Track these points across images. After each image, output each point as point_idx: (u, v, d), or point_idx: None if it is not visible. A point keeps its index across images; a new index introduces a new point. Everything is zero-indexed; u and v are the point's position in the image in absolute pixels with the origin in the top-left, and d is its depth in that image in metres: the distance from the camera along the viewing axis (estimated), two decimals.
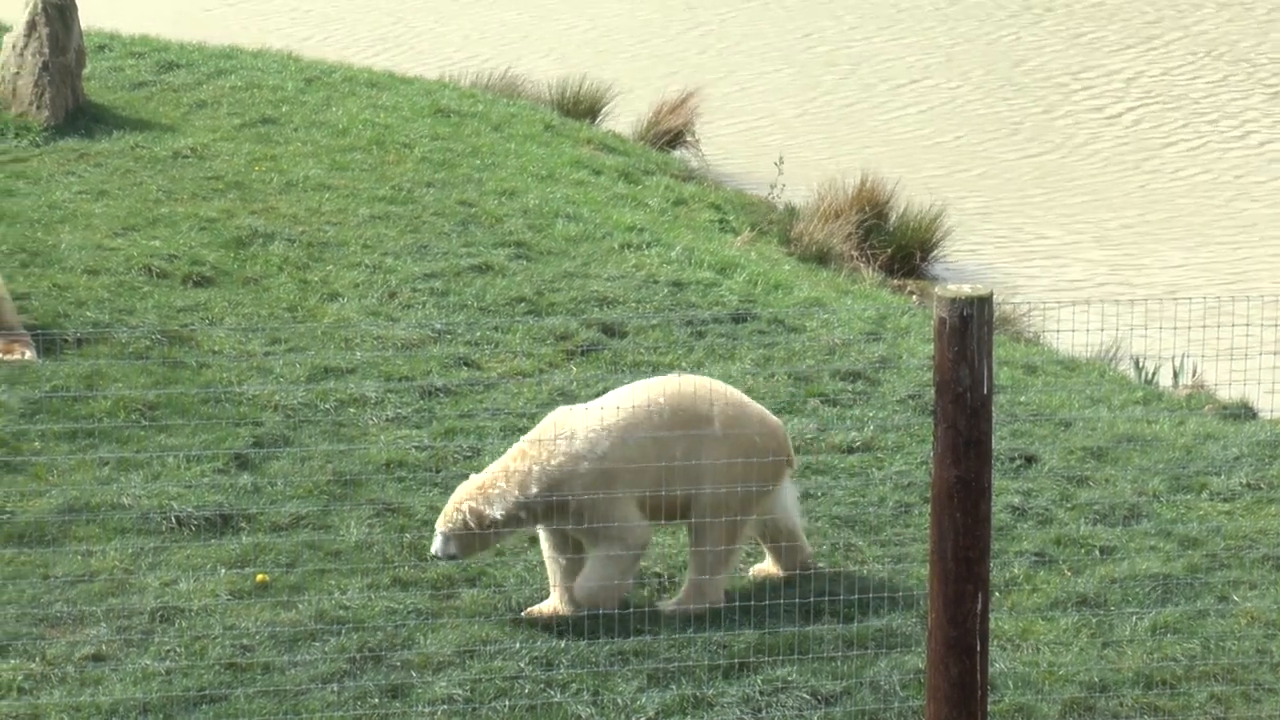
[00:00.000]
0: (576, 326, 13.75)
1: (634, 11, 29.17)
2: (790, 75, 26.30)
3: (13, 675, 9.30)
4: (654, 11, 29.28)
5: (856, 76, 26.57)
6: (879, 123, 24.67)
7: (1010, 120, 25.17)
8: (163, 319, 13.44)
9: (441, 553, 9.96)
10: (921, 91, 26.17)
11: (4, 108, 17.24)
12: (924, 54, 27.98)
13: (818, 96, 25.52)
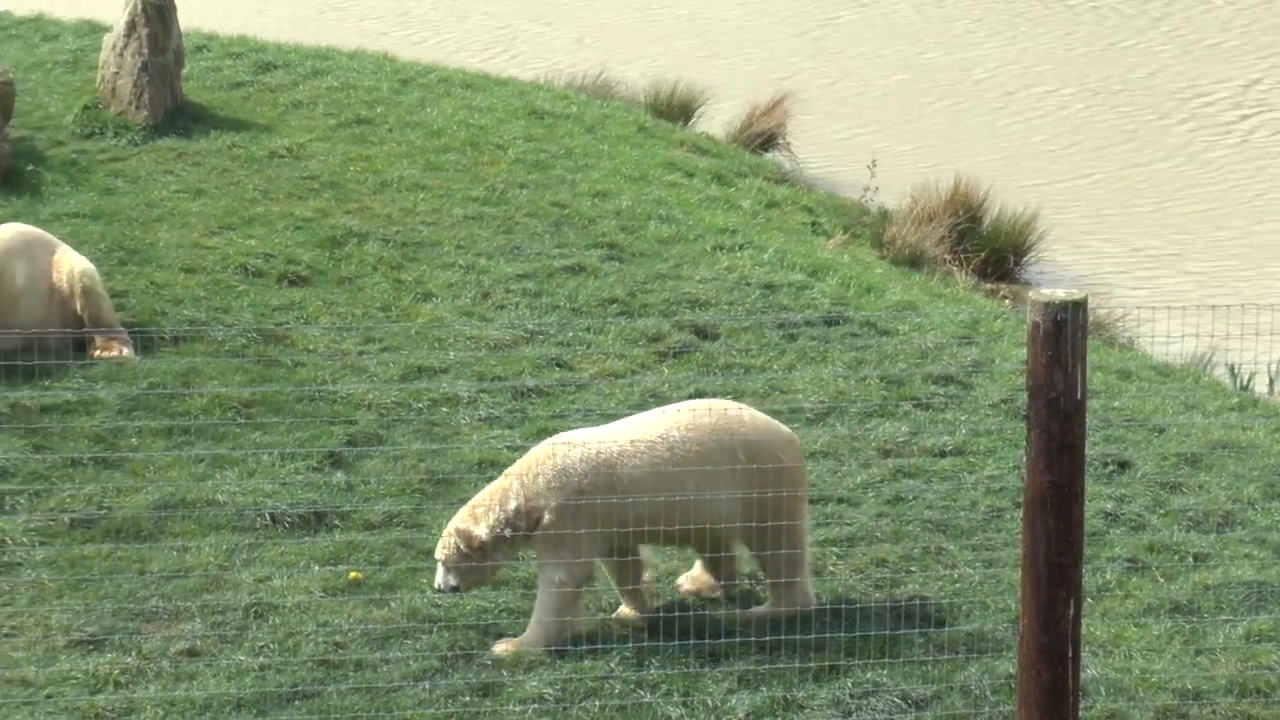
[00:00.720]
0: (668, 328, 13.75)
1: (730, 14, 29.15)
2: (891, 80, 26.22)
3: (109, 669, 9.38)
4: (751, 14, 29.27)
5: (966, 82, 26.40)
6: (984, 128, 24.52)
7: (1123, 128, 24.83)
8: (258, 318, 13.53)
9: (443, 584, 9.84)
10: (1032, 98, 25.90)
11: (104, 107, 17.38)
12: (1037, 61, 27.71)
13: (917, 101, 25.42)
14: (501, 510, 9.72)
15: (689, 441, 9.77)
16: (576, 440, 9.81)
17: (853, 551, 10.70)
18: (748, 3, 30.01)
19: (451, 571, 9.79)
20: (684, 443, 9.77)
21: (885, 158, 21.08)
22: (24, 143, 16.59)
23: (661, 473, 9.69)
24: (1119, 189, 22.35)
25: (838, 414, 12.58)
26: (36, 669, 9.38)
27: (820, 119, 23.46)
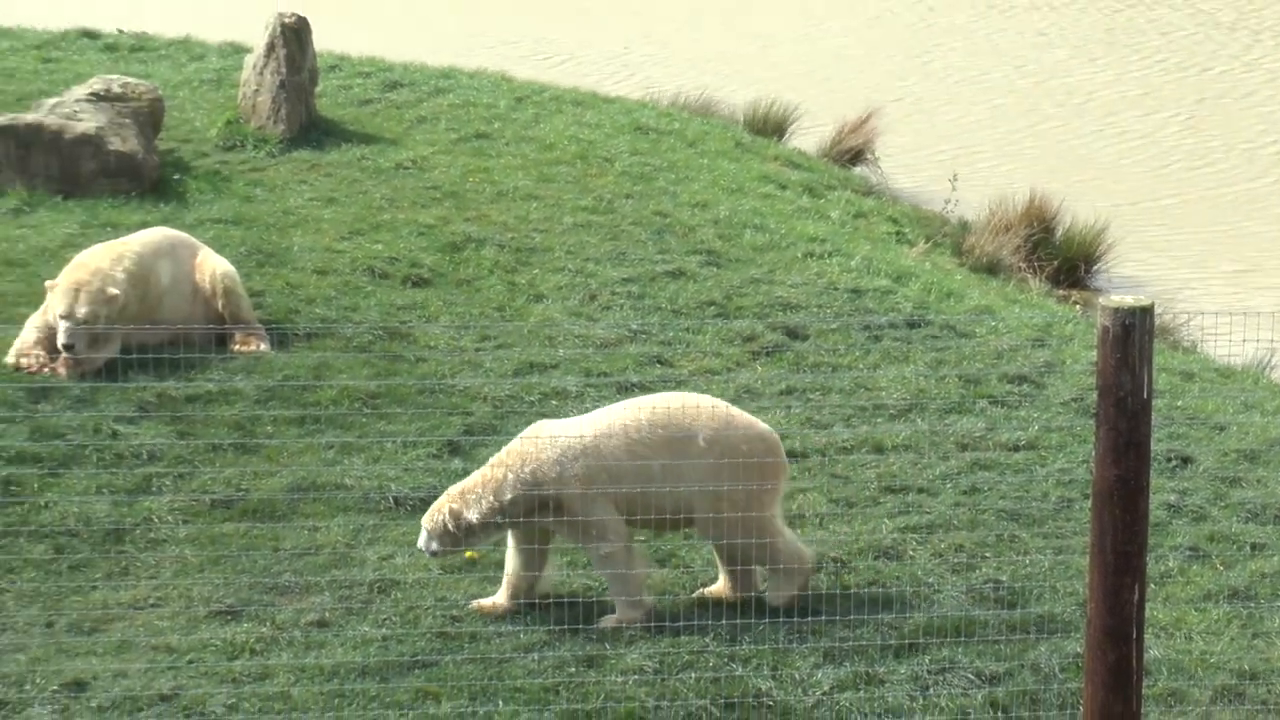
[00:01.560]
0: (762, 329, 13.74)
1: (825, 38, 29.07)
2: (978, 100, 26.03)
3: (246, 638, 9.46)
4: (844, 38, 29.18)
5: (1066, 105, 26.12)
6: (1070, 148, 24.24)
7: (1209, 150, 24.42)
8: (384, 316, 13.60)
9: (425, 548, 9.83)
10: (1127, 121, 25.49)
11: (244, 121, 17.51)
12: (1133, 86, 27.35)
13: (1003, 120, 25.22)
14: (496, 500, 9.66)
15: (655, 429, 9.66)
16: (559, 430, 9.73)
17: (931, 538, 10.67)
18: (842, 28, 29.93)
19: (435, 539, 9.79)
20: (650, 430, 9.65)
21: (966, 173, 20.97)
22: (172, 154, 16.74)
23: (636, 460, 9.62)
24: (1198, 207, 22.02)
25: (919, 410, 12.53)
26: (180, 637, 9.47)
27: (906, 136, 23.36)
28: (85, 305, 12.22)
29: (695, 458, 9.65)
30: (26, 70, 19.15)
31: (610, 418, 9.77)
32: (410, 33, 28.02)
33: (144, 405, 11.88)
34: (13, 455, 11.16)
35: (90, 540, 10.50)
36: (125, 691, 8.97)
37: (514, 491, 9.64)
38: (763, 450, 9.79)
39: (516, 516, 9.67)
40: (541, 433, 9.77)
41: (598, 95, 20.75)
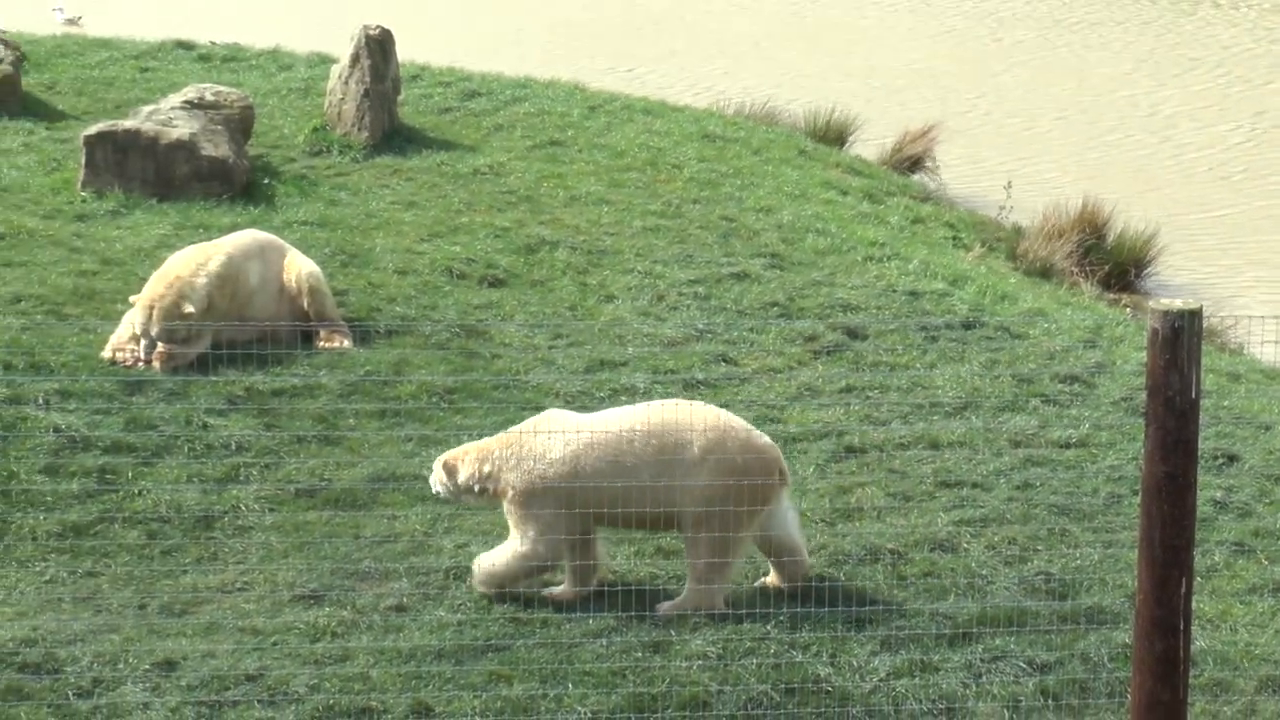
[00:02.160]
0: (823, 329, 13.69)
1: (886, 48, 28.95)
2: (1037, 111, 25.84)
3: (327, 621, 9.48)
4: (905, 49, 29.05)
5: (1120, 114, 25.86)
6: (1126, 157, 23.98)
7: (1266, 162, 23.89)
8: (461, 315, 13.61)
9: (434, 486, 9.96)
10: (1187, 132, 25.23)
11: (330, 129, 17.56)
12: (1194, 99, 27.03)
13: (1062, 130, 25.02)
14: (479, 469, 9.74)
15: (649, 438, 9.54)
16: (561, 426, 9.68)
17: (985, 531, 10.61)
18: (906, 41, 29.79)
19: (438, 483, 9.92)
20: (644, 439, 9.55)
21: (1021, 181, 20.84)
22: (261, 159, 16.80)
23: (619, 464, 9.54)
24: (1250, 217, 21.73)
25: (973, 408, 12.46)
26: (265, 619, 9.49)
27: (964, 145, 23.23)
28: (158, 324, 12.29)
29: (688, 470, 9.53)
30: (125, 79, 19.26)
31: (609, 425, 9.63)
32: (489, 44, 28.06)
33: (233, 399, 11.93)
34: (109, 445, 11.22)
35: (181, 527, 10.55)
36: (213, 671, 9.00)
37: (492, 467, 9.69)
38: (759, 468, 9.60)
39: (487, 489, 9.73)
40: (550, 424, 9.70)
41: (667, 104, 20.72)
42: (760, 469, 9.57)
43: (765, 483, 9.55)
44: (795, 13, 31.12)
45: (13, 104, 17.74)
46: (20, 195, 15.48)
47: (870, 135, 21.98)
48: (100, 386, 11.88)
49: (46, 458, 11.02)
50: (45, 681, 8.90)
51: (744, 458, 9.55)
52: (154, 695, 8.81)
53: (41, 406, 11.51)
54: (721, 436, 9.58)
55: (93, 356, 12.34)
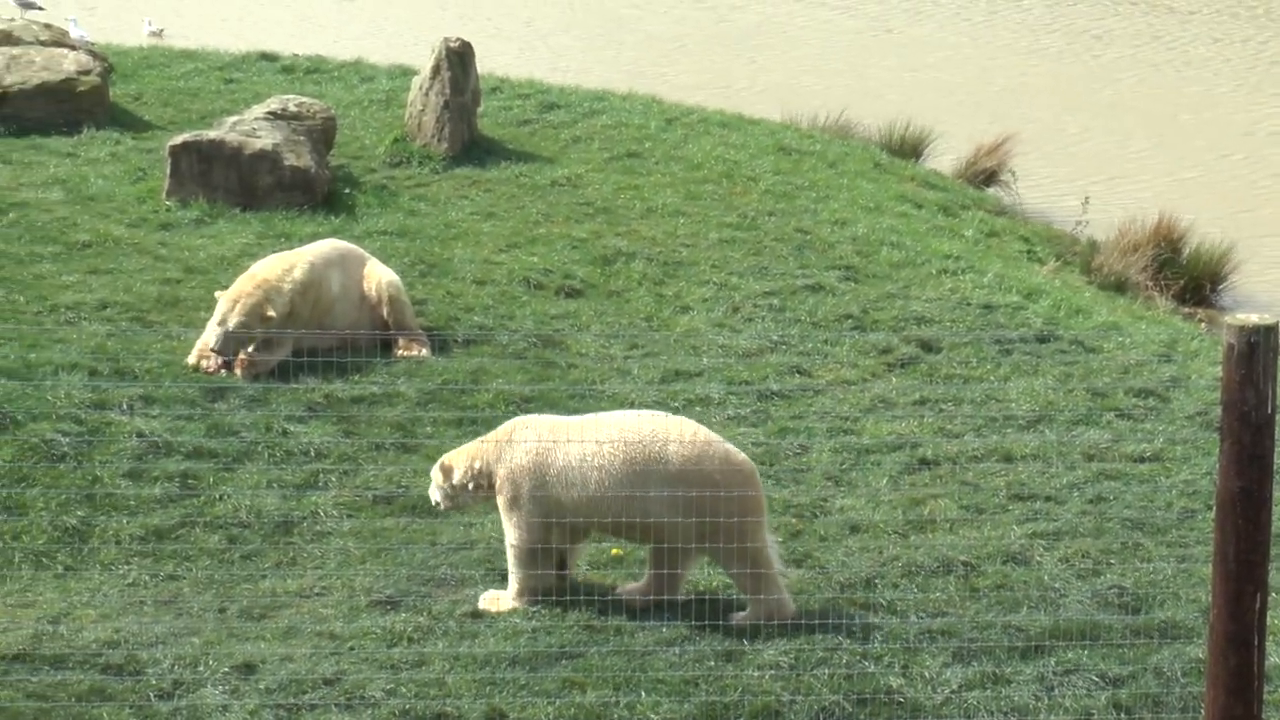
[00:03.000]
0: (897, 342, 13.64)
1: (960, 61, 28.83)
2: (1109, 123, 25.66)
3: (403, 627, 9.50)
4: (981, 62, 28.93)
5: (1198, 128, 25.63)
6: (1203, 170, 23.78)
7: None
8: (538, 324, 13.64)
9: (433, 498, 10.00)
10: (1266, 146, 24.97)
11: (410, 140, 17.64)
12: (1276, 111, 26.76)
13: (1140, 143, 24.82)
14: (471, 469, 9.83)
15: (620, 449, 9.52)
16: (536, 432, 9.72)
17: (1058, 544, 10.54)
18: (978, 53, 29.66)
19: (435, 488, 9.96)
20: (613, 450, 9.53)
21: (1097, 194, 20.71)
22: (342, 170, 16.90)
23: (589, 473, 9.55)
24: None
25: (1047, 421, 12.39)
26: (342, 624, 9.53)
27: (1039, 158, 23.09)
28: (238, 316, 12.35)
29: (662, 483, 9.49)
30: (210, 90, 19.41)
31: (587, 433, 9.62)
32: (567, 58, 28.12)
33: (313, 406, 11.99)
34: (191, 450, 11.30)
35: (261, 532, 10.61)
36: (291, 675, 9.04)
37: (482, 464, 9.78)
38: (739, 482, 9.56)
39: (482, 486, 9.81)
40: (526, 428, 9.77)
41: (743, 117, 20.71)
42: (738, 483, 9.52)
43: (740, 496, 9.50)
44: (888, 29, 30.99)
45: (100, 114, 17.91)
46: (107, 204, 15.62)
47: (945, 149, 21.89)
48: (183, 393, 11.97)
49: (130, 462, 11.11)
50: (127, 683, 8.96)
51: (721, 474, 9.49)
52: (233, 698, 8.86)
53: (126, 412, 11.60)
54: (701, 452, 9.52)
55: (176, 363, 12.44)
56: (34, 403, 11.49)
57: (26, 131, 17.44)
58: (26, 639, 9.29)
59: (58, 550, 10.31)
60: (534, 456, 9.64)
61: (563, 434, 9.63)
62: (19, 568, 10.18)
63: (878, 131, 21.61)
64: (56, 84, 17.78)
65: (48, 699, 8.79)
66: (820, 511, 11.05)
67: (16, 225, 14.81)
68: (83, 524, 10.53)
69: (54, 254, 14.24)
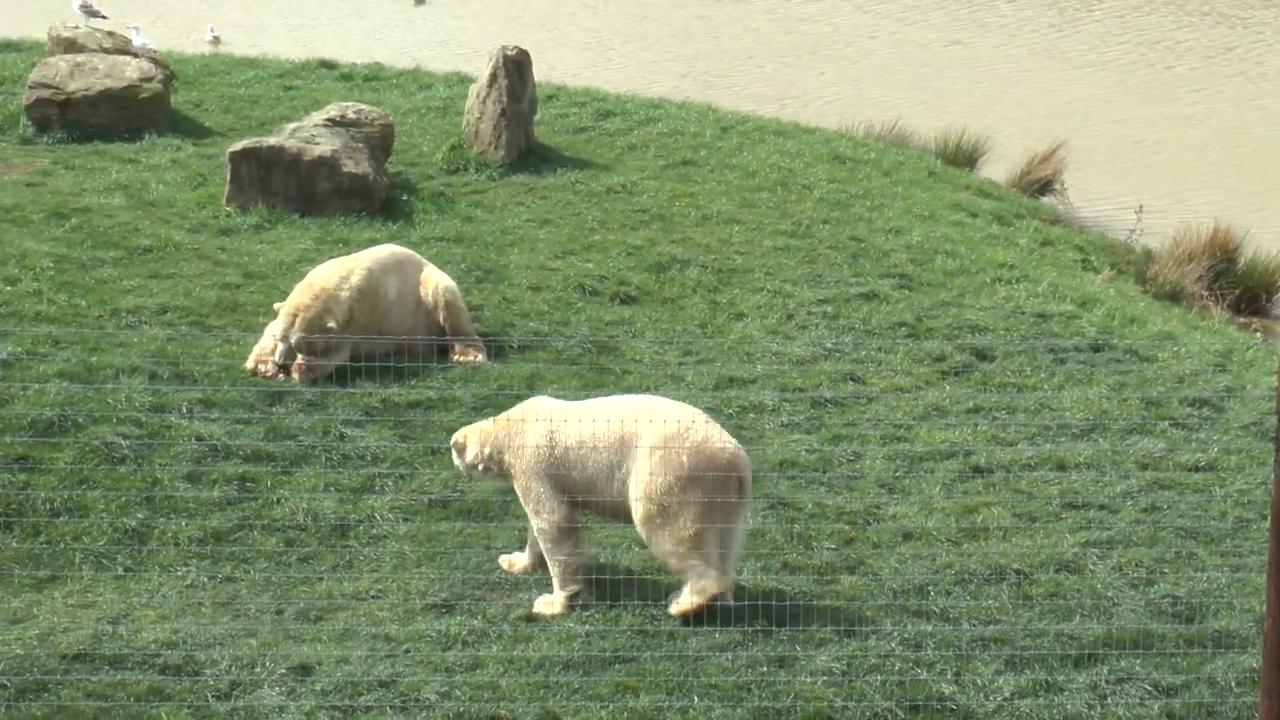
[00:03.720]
0: (951, 350, 13.60)
1: (1024, 72, 28.70)
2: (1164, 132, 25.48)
3: (459, 630, 9.53)
4: (1035, 71, 28.79)
5: (1256, 136, 25.38)
6: (1260, 179, 23.58)
7: None
8: (593, 331, 13.64)
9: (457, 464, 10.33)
10: None
11: (467, 147, 17.68)
12: None
13: (1194, 152, 24.61)
14: (482, 450, 10.09)
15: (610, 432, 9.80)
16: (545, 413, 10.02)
17: (1111, 553, 10.48)
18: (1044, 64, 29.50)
19: (457, 456, 10.27)
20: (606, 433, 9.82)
21: (1152, 204, 20.59)
22: (400, 176, 16.95)
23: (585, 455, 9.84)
24: None
25: (1101, 430, 12.33)
26: (398, 627, 9.56)
27: (1094, 168, 22.97)
28: (299, 331, 12.41)
29: (639, 462, 9.69)
30: (270, 97, 19.50)
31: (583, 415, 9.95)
32: (623, 66, 28.14)
33: (369, 410, 12.03)
34: (249, 454, 11.35)
35: (318, 534, 10.65)
36: (347, 676, 9.07)
37: (492, 448, 10.01)
38: (712, 467, 9.64)
39: (492, 469, 10.06)
40: (538, 409, 10.08)
41: (798, 125, 20.68)
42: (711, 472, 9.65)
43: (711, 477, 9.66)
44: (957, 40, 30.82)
45: (162, 121, 18.02)
46: (168, 209, 15.71)
47: (999, 158, 21.80)
48: (242, 396, 12.02)
49: (189, 465, 11.17)
50: (185, 683, 9.01)
51: (692, 460, 9.63)
52: (289, 699, 8.89)
53: (185, 415, 11.66)
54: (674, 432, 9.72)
55: (235, 367, 12.49)
56: (95, 406, 11.57)
57: (90, 137, 17.56)
58: (87, 639, 9.35)
59: (118, 551, 10.37)
60: (543, 439, 9.91)
61: (563, 418, 9.95)
62: (80, 568, 10.25)
63: (933, 140, 21.54)
64: (119, 91, 17.90)
65: (107, 698, 8.85)
66: (873, 518, 11.02)
67: (79, 230, 14.91)
68: (142, 526, 10.60)
69: (115, 259, 14.33)
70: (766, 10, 32.05)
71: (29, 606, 9.79)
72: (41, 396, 11.58)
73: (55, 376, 11.85)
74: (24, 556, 10.31)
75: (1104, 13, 32.86)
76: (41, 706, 8.78)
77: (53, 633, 9.43)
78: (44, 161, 16.93)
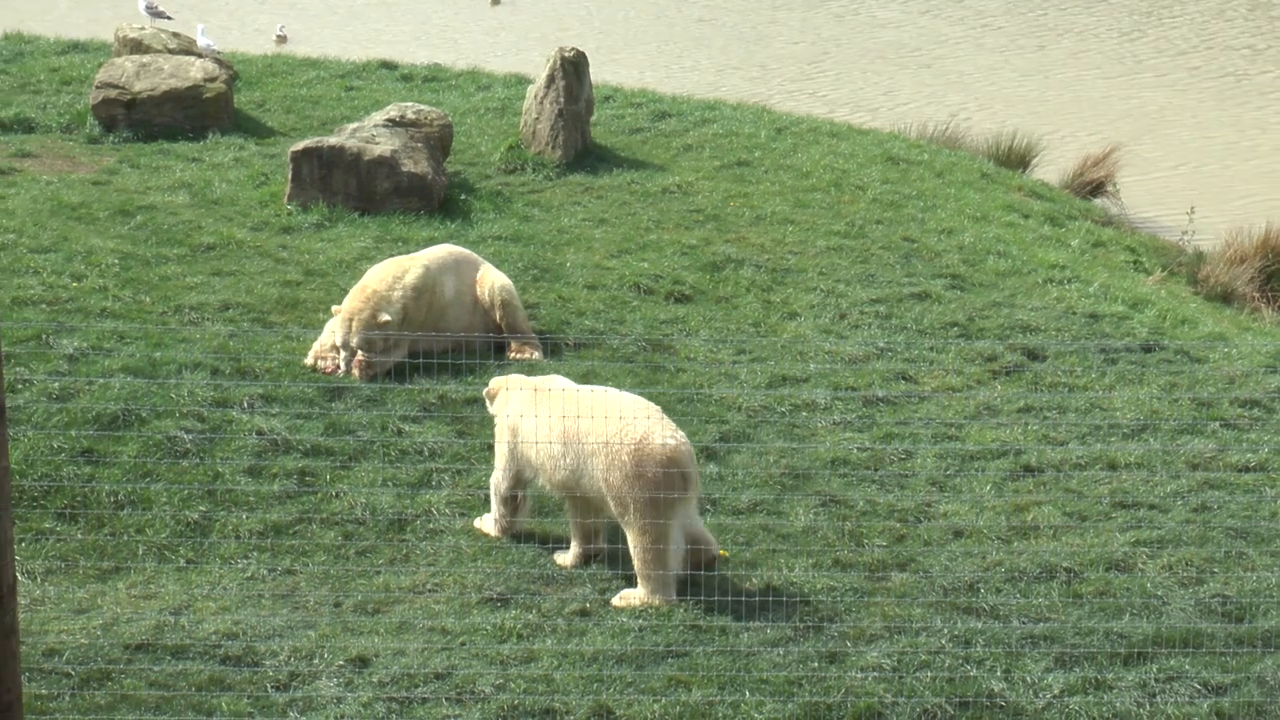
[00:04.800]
0: (1002, 349, 13.55)
1: (1066, 73, 28.58)
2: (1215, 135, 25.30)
3: (513, 624, 9.55)
4: (1087, 73, 28.66)
5: None
6: None
7: None
8: (648, 329, 13.65)
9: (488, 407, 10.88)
10: None
11: (525, 147, 17.71)
12: None
13: (1239, 155, 24.46)
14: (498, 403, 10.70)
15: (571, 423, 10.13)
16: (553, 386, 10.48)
17: (1161, 552, 10.43)
18: (1084, 64, 29.37)
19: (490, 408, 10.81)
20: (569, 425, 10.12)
21: (1203, 206, 20.47)
22: (458, 176, 16.99)
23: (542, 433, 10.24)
24: None
25: (1151, 430, 12.26)
26: (454, 620, 9.59)
27: (1146, 170, 22.85)
28: (357, 334, 12.46)
29: (590, 456, 9.97)
30: (331, 98, 19.58)
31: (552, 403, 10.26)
32: (679, 67, 28.13)
33: (427, 406, 12.07)
34: (309, 449, 11.40)
35: (375, 529, 10.69)
36: (403, 669, 9.10)
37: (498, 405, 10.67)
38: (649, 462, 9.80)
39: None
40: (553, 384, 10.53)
41: (852, 127, 20.64)
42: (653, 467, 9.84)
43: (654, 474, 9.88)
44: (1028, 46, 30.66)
45: (225, 121, 18.12)
46: (230, 208, 15.79)
47: (1051, 159, 21.71)
48: (302, 392, 12.07)
49: (250, 459, 11.23)
50: (245, 673, 9.06)
51: (633, 458, 9.85)
52: (347, 690, 8.93)
53: (246, 410, 11.72)
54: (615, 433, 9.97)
55: (295, 363, 12.55)
56: (159, 400, 11.64)
57: (154, 136, 17.67)
58: (149, 629, 9.42)
59: (180, 544, 10.44)
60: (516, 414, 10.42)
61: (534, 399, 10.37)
62: (143, 560, 10.31)
63: (985, 142, 21.47)
64: (184, 91, 18.01)
65: (169, 688, 8.90)
66: (924, 516, 11.00)
67: (144, 228, 15.01)
68: (204, 519, 10.66)
69: (179, 256, 14.42)
70: (836, 16, 31.95)
71: (93, 597, 9.87)
72: (106, 391, 11.66)
73: (120, 371, 11.93)
74: (89, 548, 10.39)
75: (1183, 20, 32.57)
76: (105, 695, 8.84)
77: (116, 623, 9.50)
78: (110, 160, 17.05)
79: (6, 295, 13.14)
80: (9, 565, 6.85)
